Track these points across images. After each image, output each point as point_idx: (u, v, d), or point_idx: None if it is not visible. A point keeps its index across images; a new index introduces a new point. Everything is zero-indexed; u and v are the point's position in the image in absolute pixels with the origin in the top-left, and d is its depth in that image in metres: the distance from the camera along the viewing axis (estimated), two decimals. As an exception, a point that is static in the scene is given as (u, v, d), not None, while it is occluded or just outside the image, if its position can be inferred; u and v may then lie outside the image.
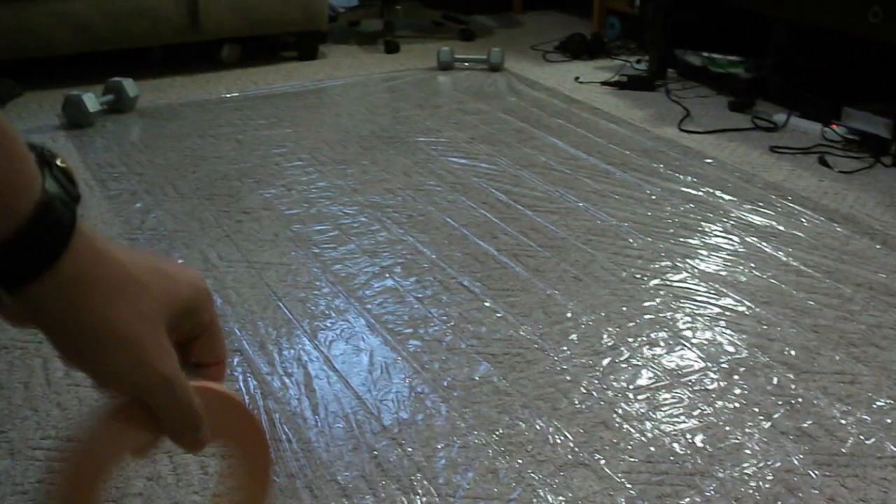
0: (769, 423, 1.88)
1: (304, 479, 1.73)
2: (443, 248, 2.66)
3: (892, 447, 1.81)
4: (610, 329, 2.23)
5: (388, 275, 2.51)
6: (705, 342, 2.17)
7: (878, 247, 2.66)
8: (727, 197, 3.00)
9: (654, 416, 1.91)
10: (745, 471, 1.74)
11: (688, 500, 1.67)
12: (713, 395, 1.97)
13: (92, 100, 3.71)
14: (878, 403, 1.95)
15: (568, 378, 2.03)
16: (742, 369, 2.06)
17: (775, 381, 2.02)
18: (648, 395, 1.98)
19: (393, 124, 3.74)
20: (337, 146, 3.48)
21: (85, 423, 0.69)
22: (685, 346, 2.16)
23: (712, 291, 2.41)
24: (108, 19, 4.24)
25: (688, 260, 2.58)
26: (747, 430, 1.86)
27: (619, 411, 1.92)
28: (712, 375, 2.04)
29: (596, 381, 2.02)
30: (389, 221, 2.83)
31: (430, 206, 2.93)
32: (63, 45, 4.21)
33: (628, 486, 1.70)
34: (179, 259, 2.60)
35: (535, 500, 1.67)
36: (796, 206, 2.93)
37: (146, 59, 4.68)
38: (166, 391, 0.67)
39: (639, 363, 2.09)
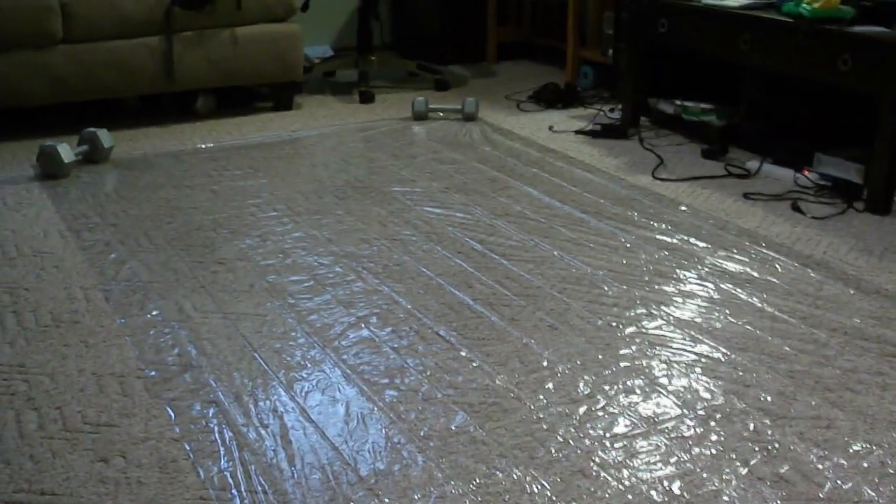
0: (746, 470, 1.88)
1: (280, 531, 1.72)
2: (418, 297, 2.66)
3: (869, 491, 1.81)
4: (586, 377, 2.23)
5: (363, 325, 2.50)
6: (681, 389, 2.17)
7: (851, 292, 2.68)
8: (701, 244, 3.01)
9: (631, 463, 1.90)
10: (723, 518, 1.74)
11: (666, 548, 1.66)
12: (690, 442, 1.97)
13: (67, 150, 3.70)
14: (855, 448, 1.95)
15: (545, 427, 2.03)
16: (718, 416, 2.06)
17: (752, 427, 2.02)
18: (625, 442, 1.97)
19: (368, 174, 3.74)
20: (312, 196, 3.48)
21: None
22: (661, 393, 2.16)
23: (688, 338, 2.41)
24: (83, 70, 4.24)
25: (663, 307, 2.59)
26: (725, 477, 1.86)
27: (597, 459, 1.91)
28: (689, 422, 2.04)
29: (573, 430, 2.02)
30: (365, 272, 2.83)
31: (405, 255, 2.93)
32: (38, 96, 4.21)
33: (606, 534, 1.70)
34: (154, 310, 2.59)
35: (513, 551, 1.66)
36: (770, 253, 2.94)
37: (121, 109, 4.68)
38: None
39: (615, 411, 2.09)
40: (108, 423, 2.06)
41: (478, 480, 1.85)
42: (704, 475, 1.86)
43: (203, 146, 4.16)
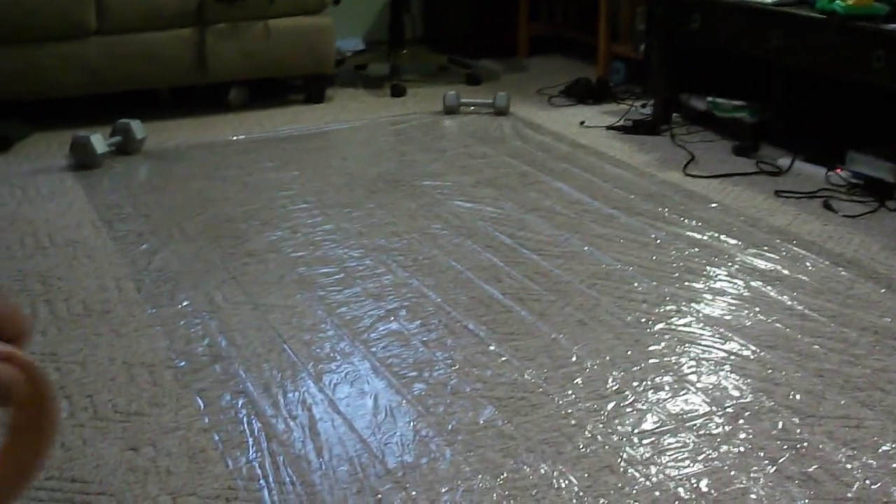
0: (774, 468, 1.87)
1: (307, 522, 1.73)
2: (448, 291, 2.66)
3: (897, 493, 1.80)
4: (615, 373, 2.23)
5: (393, 318, 2.51)
6: (710, 386, 2.17)
7: (882, 291, 2.66)
8: (732, 241, 3.00)
9: (658, 460, 1.90)
10: (751, 516, 1.74)
11: (693, 545, 1.66)
12: (718, 440, 1.97)
13: (100, 141, 3.73)
14: (884, 448, 1.94)
15: (573, 422, 2.03)
16: (747, 413, 2.06)
17: (780, 425, 2.02)
18: (653, 439, 1.97)
19: (399, 168, 3.75)
20: (343, 189, 3.49)
21: None
22: (690, 390, 2.16)
23: (717, 336, 2.41)
24: (116, 62, 4.27)
25: (693, 304, 2.58)
26: (752, 475, 1.85)
27: (624, 455, 1.91)
28: (717, 420, 2.04)
29: (601, 426, 2.02)
30: (395, 265, 2.83)
31: (435, 249, 2.94)
32: (71, 86, 4.24)
33: (633, 530, 1.70)
34: (185, 301, 2.60)
35: (539, 545, 1.66)
36: (801, 251, 2.93)
37: (154, 100, 4.70)
38: None
39: (644, 407, 2.09)
40: (137, 413, 2.08)
41: (505, 475, 1.85)
42: (732, 473, 1.86)
43: (235, 138, 4.18)
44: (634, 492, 1.80)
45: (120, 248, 2.95)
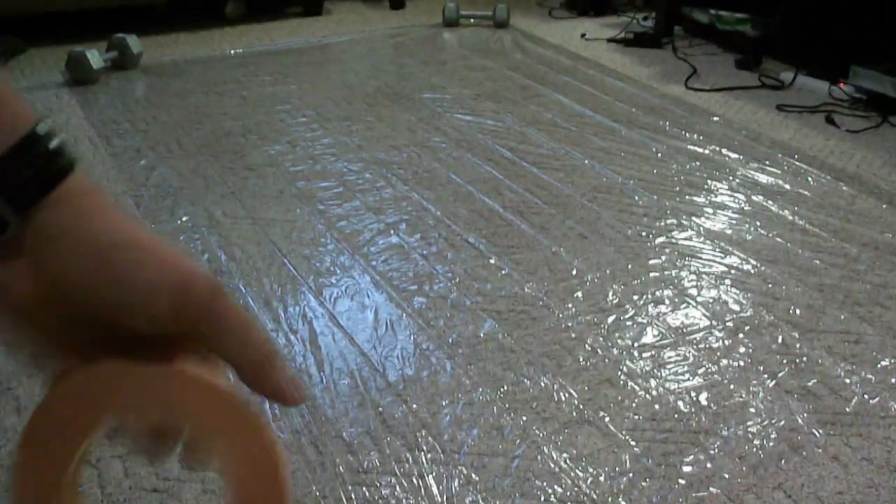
0: (774, 382, 1.88)
1: (309, 435, 1.73)
2: (448, 204, 2.65)
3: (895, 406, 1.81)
4: (615, 287, 2.23)
5: (393, 231, 2.50)
6: (710, 300, 2.17)
7: (884, 206, 2.65)
8: (733, 155, 2.99)
9: (658, 373, 1.91)
10: (750, 429, 1.75)
11: (692, 457, 1.67)
12: (718, 354, 1.97)
13: (96, 56, 3.69)
14: (883, 363, 1.95)
15: (573, 335, 2.03)
16: (747, 328, 2.06)
17: (780, 339, 2.02)
18: (653, 352, 1.98)
19: (398, 81, 3.72)
20: (342, 102, 3.46)
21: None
22: (690, 304, 2.16)
23: (718, 250, 2.40)
24: (112, -26, 4.22)
25: (693, 218, 2.58)
26: (752, 389, 1.86)
27: (624, 369, 1.92)
28: (717, 334, 2.04)
29: (601, 339, 2.02)
30: (394, 178, 2.82)
31: (435, 162, 2.92)
32: (67, 2, 4.19)
33: (632, 443, 1.71)
34: (184, 216, 2.60)
35: (539, 457, 1.67)
36: (803, 165, 2.92)
37: (150, 15, 4.65)
38: (220, 289, 0.54)
39: (644, 321, 2.09)
40: (139, 327, 2.07)
41: (505, 388, 1.86)
42: (732, 387, 1.87)
43: (232, 52, 4.14)
44: (634, 405, 1.81)
45: (118, 164, 2.94)
